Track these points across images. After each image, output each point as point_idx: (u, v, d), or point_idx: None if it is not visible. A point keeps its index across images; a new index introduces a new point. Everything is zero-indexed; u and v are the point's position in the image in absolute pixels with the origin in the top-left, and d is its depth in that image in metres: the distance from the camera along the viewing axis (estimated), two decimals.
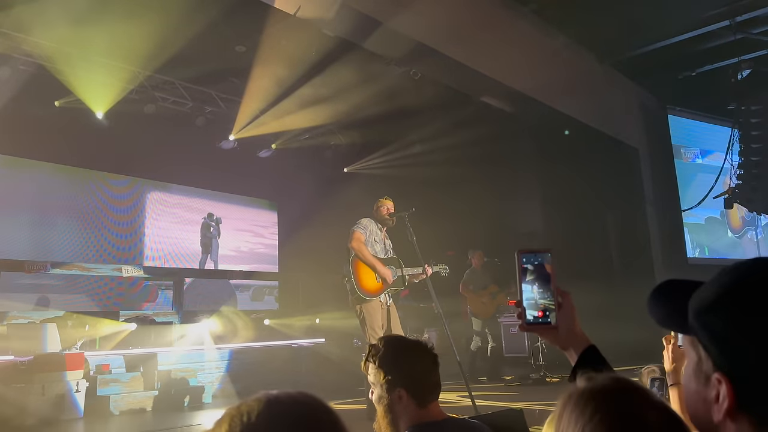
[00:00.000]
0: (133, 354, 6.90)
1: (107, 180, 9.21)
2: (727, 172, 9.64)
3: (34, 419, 5.45)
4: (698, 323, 0.75)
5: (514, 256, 1.18)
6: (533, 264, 1.18)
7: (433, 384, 1.89)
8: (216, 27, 6.20)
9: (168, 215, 9.79)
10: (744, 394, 0.70)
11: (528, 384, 7.33)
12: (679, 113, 10.91)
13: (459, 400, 4.97)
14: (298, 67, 7.30)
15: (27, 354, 5.83)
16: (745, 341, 0.69)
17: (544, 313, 1.17)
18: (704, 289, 0.75)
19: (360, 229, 5.28)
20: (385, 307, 5.26)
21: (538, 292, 1.18)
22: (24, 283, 7.87)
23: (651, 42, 8.95)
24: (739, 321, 0.70)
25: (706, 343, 0.74)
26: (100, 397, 6.02)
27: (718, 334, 0.72)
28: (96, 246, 8.79)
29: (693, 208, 10.43)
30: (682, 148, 11.04)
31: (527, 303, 1.18)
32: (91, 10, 5.86)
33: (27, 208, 8.07)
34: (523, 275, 1.18)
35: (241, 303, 10.00)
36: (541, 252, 1.19)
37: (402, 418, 1.84)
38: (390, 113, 8.19)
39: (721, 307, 0.72)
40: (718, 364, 0.72)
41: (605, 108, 9.56)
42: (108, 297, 8.69)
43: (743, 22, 8.46)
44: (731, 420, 0.71)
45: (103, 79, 7.13)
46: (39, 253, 8.01)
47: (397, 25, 6.38)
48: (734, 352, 0.71)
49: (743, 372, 0.70)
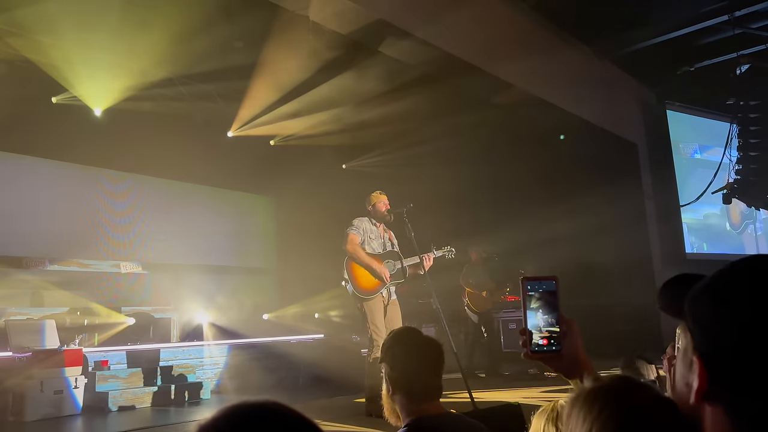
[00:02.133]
0: (132, 350, 6.90)
1: (105, 176, 9.20)
2: (726, 167, 9.64)
3: (32, 416, 5.45)
4: (687, 309, 0.78)
5: (518, 282, 1.18)
6: (538, 291, 1.18)
7: (433, 386, 1.89)
8: (215, 21, 6.17)
9: (166, 211, 9.77)
10: (716, 379, 0.73)
11: (526, 379, 7.35)
12: (678, 108, 10.91)
13: (457, 396, 4.97)
14: (301, 66, 7.30)
15: (25, 350, 5.84)
16: (720, 326, 0.72)
17: (548, 341, 1.17)
18: (701, 280, 0.79)
19: (353, 231, 5.27)
20: (387, 302, 5.27)
21: (543, 319, 1.17)
22: (22, 279, 7.87)
23: (650, 37, 8.94)
24: (717, 307, 0.73)
25: (691, 327, 0.78)
26: (99, 393, 6.02)
27: (699, 318, 0.76)
28: (95, 242, 8.78)
29: (692, 203, 10.44)
30: (681, 143, 11.04)
31: (532, 330, 1.17)
32: (91, 8, 5.84)
33: (25, 204, 8.05)
34: (528, 302, 1.17)
35: (240, 298, 9.99)
36: (545, 279, 1.18)
37: (402, 411, 1.88)
38: (392, 111, 8.17)
39: (706, 292, 0.76)
40: (697, 347, 0.76)
41: (604, 103, 9.55)
42: (106, 293, 8.69)
43: (742, 17, 8.45)
44: (706, 403, 0.74)
45: (102, 76, 7.11)
46: (37, 249, 8.00)
47: (399, 22, 6.38)
48: (710, 336, 0.74)
49: (717, 356, 0.73)
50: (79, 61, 6.65)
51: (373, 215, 5.41)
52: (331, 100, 8.12)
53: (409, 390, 1.86)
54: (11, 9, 5.85)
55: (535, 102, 8.35)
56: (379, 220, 5.42)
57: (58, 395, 5.67)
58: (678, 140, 10.92)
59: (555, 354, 1.16)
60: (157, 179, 9.72)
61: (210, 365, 7.41)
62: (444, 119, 8.61)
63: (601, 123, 9.42)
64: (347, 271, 5.23)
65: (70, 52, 6.39)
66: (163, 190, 9.89)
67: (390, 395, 1.90)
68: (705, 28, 8.77)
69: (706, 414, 0.75)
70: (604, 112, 9.49)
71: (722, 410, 0.72)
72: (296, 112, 8.63)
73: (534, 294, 1.18)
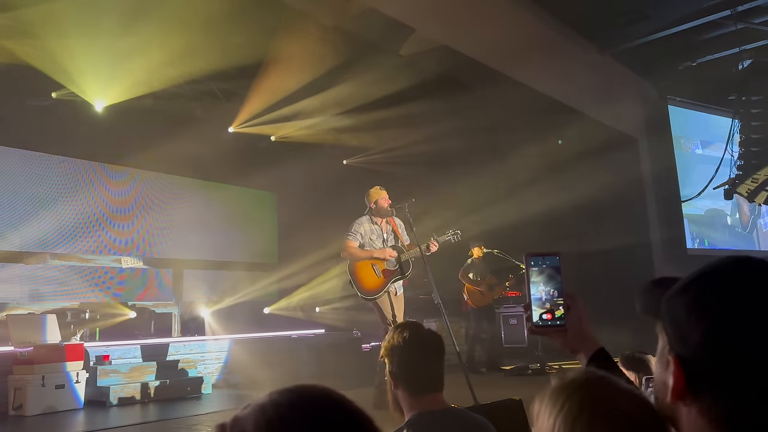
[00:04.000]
0: (133, 345, 6.91)
1: (107, 171, 9.19)
2: (728, 162, 9.62)
3: (34, 410, 5.47)
4: (663, 310, 0.79)
5: (522, 259, 1.19)
6: (541, 266, 1.18)
7: (434, 379, 1.89)
8: (221, 19, 6.13)
9: (167, 205, 9.77)
10: (691, 377, 0.74)
11: (527, 374, 7.36)
12: (680, 104, 10.88)
13: (458, 391, 4.98)
14: (305, 66, 7.29)
15: (27, 345, 5.85)
16: (694, 324, 0.74)
17: (552, 315, 1.16)
18: (678, 282, 0.81)
19: (350, 238, 5.37)
20: (396, 294, 5.34)
21: (546, 294, 1.17)
22: (23, 274, 7.88)
23: (651, 32, 8.91)
24: (691, 306, 0.75)
25: (667, 327, 0.79)
26: (100, 388, 6.04)
27: (675, 317, 0.77)
28: (96, 237, 8.79)
29: (693, 198, 10.43)
30: (682, 139, 11.01)
31: (536, 305, 1.17)
32: (98, 7, 5.82)
33: (26, 199, 8.05)
34: (531, 278, 1.17)
35: (241, 293, 10.00)
36: (549, 255, 1.18)
37: (404, 406, 1.87)
38: (394, 107, 8.14)
39: (681, 293, 0.77)
40: (672, 346, 0.77)
41: (605, 98, 9.53)
42: (107, 288, 8.70)
43: (744, 12, 8.42)
44: (682, 402, 0.76)
45: (104, 72, 7.08)
46: (38, 244, 8.01)
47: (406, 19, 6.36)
48: (685, 334, 0.75)
49: (691, 354, 0.74)
50: (82, 56, 6.63)
51: (376, 212, 5.43)
52: (334, 100, 8.08)
53: (409, 384, 1.85)
54: (16, 8, 5.84)
55: (538, 97, 8.34)
56: (382, 216, 5.44)
57: (60, 390, 5.69)
58: (679, 135, 10.90)
59: (559, 328, 1.16)
60: (157, 174, 9.72)
61: (211, 360, 7.43)
62: (450, 120, 8.58)
63: (603, 118, 9.40)
64: (350, 275, 5.33)
65: (72, 47, 6.36)
66: (164, 184, 9.89)
67: (392, 390, 1.90)
68: (707, 23, 8.74)
69: (682, 413, 0.76)
70: (606, 107, 9.47)
71: (697, 410, 0.74)
72: (298, 113, 8.63)
73: (537, 269, 1.18)
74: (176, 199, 9.93)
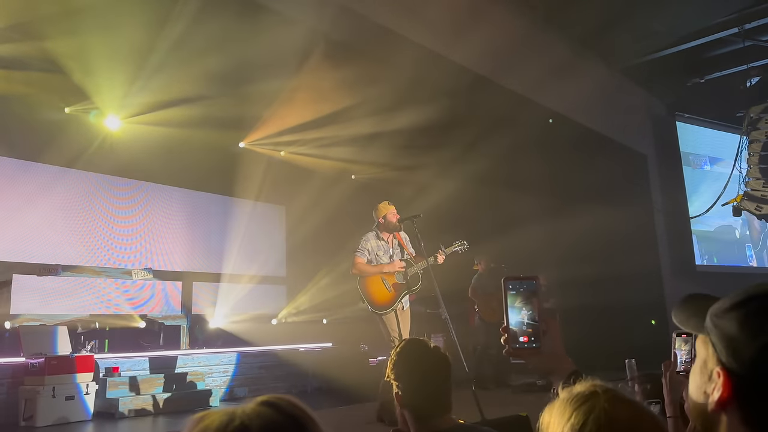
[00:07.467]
0: (143, 357, 6.95)
1: (119, 184, 9.28)
2: (736, 179, 9.60)
3: (44, 421, 5.50)
4: (712, 324, 0.87)
5: (501, 283, 1.23)
6: (519, 290, 1.22)
7: (441, 399, 1.86)
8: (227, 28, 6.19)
9: (178, 219, 9.84)
10: (739, 389, 0.82)
11: (535, 390, 7.32)
12: (688, 120, 10.87)
13: (465, 406, 4.98)
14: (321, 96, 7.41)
15: (38, 356, 5.90)
16: (747, 340, 0.81)
17: (529, 338, 1.21)
18: (723, 299, 0.88)
19: (358, 255, 5.44)
20: (403, 308, 5.37)
21: (524, 317, 1.21)
22: (35, 285, 7.94)
23: (660, 49, 8.95)
24: (744, 323, 0.83)
25: (716, 341, 0.86)
26: (110, 400, 6.07)
27: (726, 333, 0.84)
28: (108, 250, 8.86)
29: (701, 215, 10.39)
30: (691, 155, 11.00)
31: (513, 328, 1.21)
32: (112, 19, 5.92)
33: (38, 211, 8.14)
34: (510, 301, 1.22)
35: (249, 306, 10.03)
36: (527, 279, 1.23)
37: (412, 427, 1.86)
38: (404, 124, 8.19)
39: (732, 311, 0.85)
40: (721, 360, 0.84)
41: (614, 114, 9.55)
42: (118, 300, 8.75)
43: (752, 30, 8.45)
44: (724, 412, 0.83)
45: (119, 88, 7.17)
46: (50, 256, 8.08)
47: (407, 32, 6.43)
48: (737, 349, 0.82)
49: (741, 368, 0.81)
50: (99, 73, 6.73)
51: (384, 227, 5.48)
52: (344, 115, 8.12)
53: (415, 405, 1.84)
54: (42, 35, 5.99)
55: (546, 114, 8.37)
56: (390, 231, 5.49)
57: (70, 401, 5.73)
58: (688, 152, 10.88)
59: (534, 350, 1.20)
60: (168, 188, 9.80)
61: (219, 373, 7.45)
62: (456, 132, 8.61)
63: (611, 134, 9.41)
64: (361, 290, 5.38)
65: (89, 62, 6.46)
66: (175, 198, 9.97)
67: (400, 414, 1.89)
68: (715, 40, 8.77)
69: (722, 422, 0.83)
70: (614, 123, 9.48)
71: (740, 418, 0.81)
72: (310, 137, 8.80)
73: (515, 293, 1.22)
74: (187, 212, 10.00)
